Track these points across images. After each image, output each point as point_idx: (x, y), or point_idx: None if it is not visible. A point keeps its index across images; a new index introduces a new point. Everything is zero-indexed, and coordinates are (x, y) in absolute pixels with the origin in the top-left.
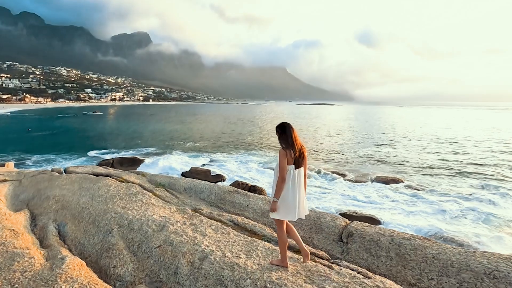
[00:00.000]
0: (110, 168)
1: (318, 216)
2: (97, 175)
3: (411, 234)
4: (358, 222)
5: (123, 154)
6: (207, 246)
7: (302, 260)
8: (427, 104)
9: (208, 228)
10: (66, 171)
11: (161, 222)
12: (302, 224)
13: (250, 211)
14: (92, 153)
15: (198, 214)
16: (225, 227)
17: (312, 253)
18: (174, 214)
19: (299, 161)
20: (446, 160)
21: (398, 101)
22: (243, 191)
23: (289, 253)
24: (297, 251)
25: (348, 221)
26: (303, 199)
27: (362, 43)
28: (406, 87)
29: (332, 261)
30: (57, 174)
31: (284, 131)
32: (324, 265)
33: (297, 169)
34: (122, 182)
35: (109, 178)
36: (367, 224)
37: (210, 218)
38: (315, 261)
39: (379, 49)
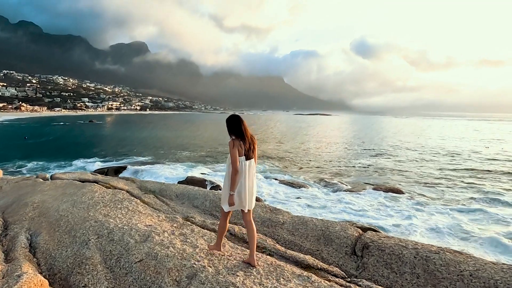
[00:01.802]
0: (100, 175)
1: (326, 225)
2: (83, 181)
3: (438, 247)
4: (373, 232)
5: (118, 163)
6: (198, 261)
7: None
8: (423, 114)
9: (199, 238)
10: (52, 177)
11: (145, 232)
12: (308, 235)
13: None
14: (87, 161)
15: (189, 223)
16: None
17: (323, 269)
18: (162, 222)
19: (249, 152)
20: (446, 171)
21: (395, 111)
22: None
23: (297, 270)
24: (306, 267)
25: (361, 231)
26: (254, 190)
27: (359, 53)
28: (403, 97)
29: (349, 279)
30: (41, 180)
31: (234, 122)
32: (341, 285)
33: (247, 160)
34: (109, 188)
35: (96, 184)
36: (384, 234)
37: (202, 227)
38: (329, 280)
39: (376, 59)
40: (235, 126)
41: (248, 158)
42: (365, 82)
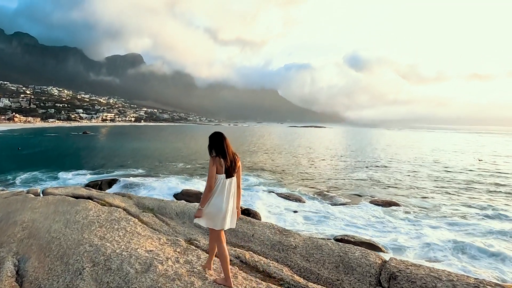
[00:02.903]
0: (94, 189)
1: (343, 250)
2: (77, 197)
3: (476, 279)
4: (398, 259)
5: (112, 175)
6: None
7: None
8: (415, 127)
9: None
10: (44, 192)
11: (147, 259)
12: (325, 261)
13: (256, 243)
14: (80, 173)
15: (193, 247)
16: (230, 266)
17: None
18: (164, 247)
19: (230, 170)
20: (441, 183)
21: (387, 124)
22: (246, 217)
23: None
24: None
25: (383, 257)
26: (234, 209)
27: (352, 66)
28: (395, 110)
29: None
30: (32, 196)
31: (215, 139)
32: None
33: (228, 178)
34: (105, 205)
35: (90, 201)
36: (410, 262)
37: (208, 253)
38: None
39: (368, 72)
40: (217, 143)
41: (229, 176)
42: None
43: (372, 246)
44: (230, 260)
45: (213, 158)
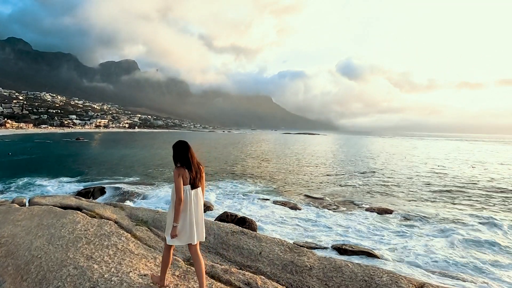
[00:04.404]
0: (84, 198)
1: (368, 273)
2: (65, 207)
3: None
4: (433, 285)
5: (104, 183)
6: None
7: None
8: (407, 134)
9: None
10: (30, 202)
11: (140, 287)
12: (347, 286)
13: (265, 262)
14: (71, 180)
15: (194, 270)
16: None
17: None
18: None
19: (195, 181)
20: (436, 190)
21: (380, 131)
22: (251, 231)
23: None
24: None
25: (415, 283)
26: (201, 221)
27: (345, 74)
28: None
29: None
30: (16, 206)
31: (180, 149)
32: None
33: (193, 190)
34: (94, 217)
35: (79, 212)
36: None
37: (213, 278)
38: None
39: (361, 80)
40: (181, 153)
41: (194, 187)
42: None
43: (370, 255)
44: (239, 287)
45: (177, 169)
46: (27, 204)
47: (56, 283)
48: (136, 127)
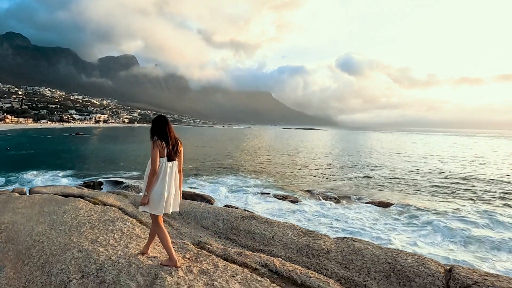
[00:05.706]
0: (86, 188)
1: (392, 256)
2: (67, 195)
3: None
4: (466, 267)
5: (104, 178)
6: None
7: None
8: (407, 130)
9: (231, 280)
10: (30, 191)
11: (151, 269)
12: (370, 269)
13: (279, 246)
14: (71, 174)
15: (206, 252)
16: (258, 277)
17: None
18: None
19: (172, 154)
20: (437, 183)
21: (379, 127)
22: (261, 216)
23: None
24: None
25: (444, 265)
26: (176, 193)
27: (344, 70)
28: (387, 113)
29: None
30: (17, 195)
31: (158, 122)
32: None
33: (170, 162)
34: (97, 204)
35: (81, 199)
36: (483, 272)
37: (226, 260)
38: None
39: (360, 76)
40: (159, 126)
41: (170, 159)
42: (350, 98)
43: None
44: (256, 269)
45: (154, 142)
46: (27, 193)
47: (60, 266)
48: (136, 122)
